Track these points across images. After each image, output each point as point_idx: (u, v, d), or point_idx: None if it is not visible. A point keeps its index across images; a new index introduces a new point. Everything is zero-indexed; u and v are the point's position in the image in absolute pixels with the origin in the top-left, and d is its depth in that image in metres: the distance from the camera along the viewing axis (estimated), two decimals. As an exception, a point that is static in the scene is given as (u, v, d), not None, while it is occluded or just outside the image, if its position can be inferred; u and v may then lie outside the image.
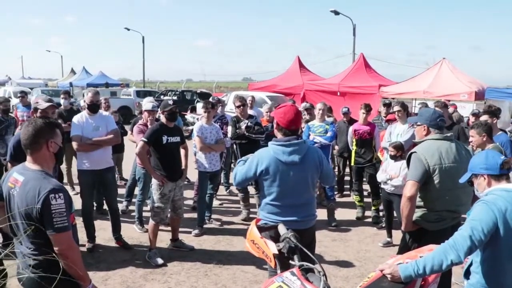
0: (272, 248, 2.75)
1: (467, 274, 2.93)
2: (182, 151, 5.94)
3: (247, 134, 6.93)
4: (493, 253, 2.71)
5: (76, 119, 5.83)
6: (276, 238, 2.89)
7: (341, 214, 7.81)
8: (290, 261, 2.58)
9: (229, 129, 7.15)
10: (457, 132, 7.08)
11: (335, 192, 8.31)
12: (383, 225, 6.89)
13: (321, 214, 7.51)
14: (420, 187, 3.76)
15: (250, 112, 8.02)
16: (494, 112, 6.02)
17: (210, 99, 8.90)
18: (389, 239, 6.54)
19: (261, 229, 3.05)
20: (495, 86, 14.65)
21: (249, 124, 6.96)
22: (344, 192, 9.26)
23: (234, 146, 7.16)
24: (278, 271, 2.69)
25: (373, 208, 7.54)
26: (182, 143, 5.88)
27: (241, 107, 7.25)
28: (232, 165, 8.13)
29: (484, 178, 2.83)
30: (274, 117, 3.82)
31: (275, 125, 3.74)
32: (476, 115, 8.68)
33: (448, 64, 15.59)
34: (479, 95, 13.77)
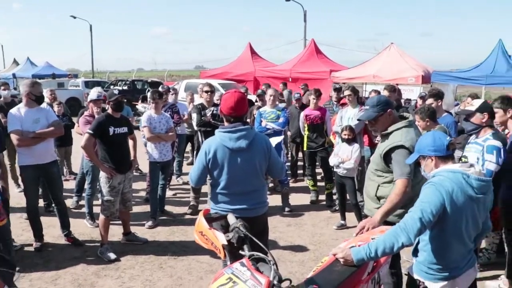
0: (221, 238, 2.69)
1: (415, 252, 2.99)
2: (130, 142, 5.79)
3: (212, 121, 6.79)
4: (440, 232, 2.76)
5: (12, 112, 5.45)
6: (227, 228, 2.83)
7: (295, 199, 7.86)
8: (240, 251, 2.53)
9: (194, 116, 6.99)
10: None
11: (289, 178, 8.34)
12: (337, 208, 6.98)
13: (276, 200, 7.58)
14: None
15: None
16: (438, 95, 6.16)
17: (160, 88, 8.73)
18: (342, 222, 6.63)
19: (210, 219, 2.99)
20: (440, 70, 15.11)
21: (214, 111, 6.81)
22: (298, 177, 9.34)
23: (199, 134, 6.98)
24: (228, 262, 2.64)
25: (326, 191, 7.63)
26: (130, 134, 5.72)
27: (209, 94, 7.09)
28: (195, 153, 7.94)
29: (432, 160, 2.86)
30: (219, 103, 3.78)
31: (220, 112, 3.71)
32: (423, 98, 8.89)
33: (396, 49, 15.96)
34: (426, 79, 14.20)
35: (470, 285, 3.20)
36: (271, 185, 8.45)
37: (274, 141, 6.64)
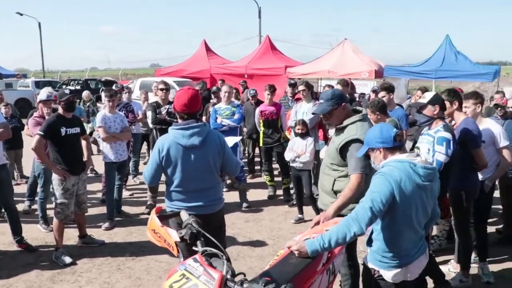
0: (173, 235, 2.69)
1: (369, 242, 3.06)
2: (83, 143, 5.68)
3: (168, 119, 6.72)
4: (391, 221, 2.84)
5: None
6: (181, 225, 2.83)
7: (253, 195, 7.91)
8: (193, 248, 2.54)
9: (149, 114, 6.89)
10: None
11: (246, 174, 8.38)
12: (294, 203, 7.05)
13: (234, 196, 7.60)
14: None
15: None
16: (390, 89, 6.33)
17: (113, 87, 8.59)
18: (300, 216, 6.71)
19: (162, 217, 2.99)
20: (392, 65, 15.53)
21: (169, 109, 6.73)
22: (255, 173, 9.40)
23: (154, 132, 6.89)
24: (181, 259, 2.64)
25: (283, 186, 7.71)
26: (82, 134, 5.61)
27: (164, 92, 6.97)
28: (151, 151, 7.84)
29: (380, 151, 2.94)
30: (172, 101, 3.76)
31: (173, 110, 3.70)
32: (375, 92, 9.07)
33: (349, 45, 16.25)
34: (379, 73, 14.56)
35: (423, 270, 3.33)
36: (228, 181, 8.47)
37: (232, 141, 6.66)
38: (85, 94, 11.83)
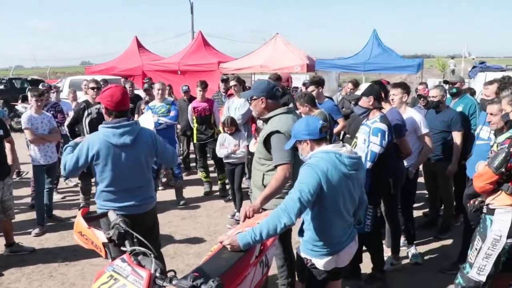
0: (100, 237, 2.65)
1: (301, 232, 3.13)
2: (7, 145, 5.42)
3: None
4: (320, 210, 2.91)
5: None
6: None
7: (189, 192, 7.89)
8: (122, 248, 2.51)
9: (71, 114, 6.67)
10: (287, 100, 7.45)
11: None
12: (230, 198, 7.08)
13: (170, 194, 7.55)
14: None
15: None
16: (319, 82, 6.48)
17: (40, 86, 8.25)
18: (236, 211, 6.74)
19: (90, 219, 2.93)
20: (324, 58, 15.94)
21: (101, 109, 6.50)
22: (191, 170, 9.35)
23: (85, 128, 6.59)
24: (110, 260, 2.60)
25: (219, 182, 7.74)
26: (5, 137, 5.35)
27: (95, 90, 6.69)
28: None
29: (307, 143, 3.02)
30: (100, 101, 3.67)
31: (103, 110, 3.61)
32: (305, 85, 9.20)
33: (281, 39, 16.47)
34: (310, 67, 14.86)
35: (356, 256, 3.44)
36: (164, 179, 8.39)
37: (147, 121, 6.47)
38: None
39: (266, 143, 3.71)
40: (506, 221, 3.37)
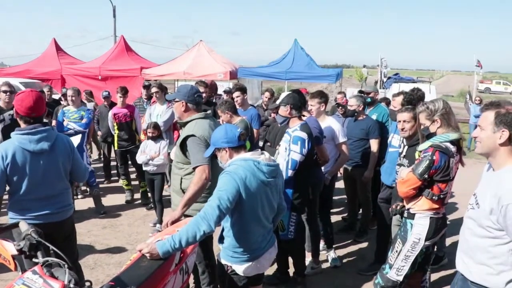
0: (10, 249, 2.54)
1: (221, 239, 3.16)
2: None
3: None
4: (239, 217, 2.96)
5: None
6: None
7: (110, 200, 7.70)
8: (34, 259, 2.42)
9: None
10: (213, 109, 7.50)
11: (102, 179, 8.11)
12: (152, 206, 6.98)
13: (90, 202, 7.32)
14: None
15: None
16: (244, 89, 6.58)
17: None
18: (162, 218, 6.66)
19: None
20: (247, 66, 16.12)
21: (15, 116, 6.13)
22: (112, 178, 9.11)
23: None
24: (19, 273, 2.50)
25: (141, 189, 7.60)
26: None
27: (8, 94, 6.29)
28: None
29: (226, 151, 3.06)
30: (13, 105, 3.53)
31: (15, 114, 3.48)
32: (227, 92, 9.25)
33: (205, 46, 16.48)
34: (233, 75, 14.97)
35: (283, 262, 3.52)
36: (83, 187, 8.12)
37: (74, 140, 6.34)
38: None
39: (183, 146, 3.80)
40: (424, 225, 3.57)
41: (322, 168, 5.11)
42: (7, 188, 3.49)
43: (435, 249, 5.10)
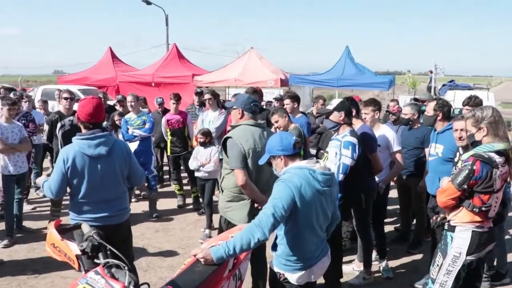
0: (73, 249, 2.64)
1: (274, 247, 3.15)
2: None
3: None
4: (293, 225, 2.94)
5: None
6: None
7: (162, 204, 7.84)
8: (96, 260, 2.50)
9: (46, 128, 6.59)
10: (265, 116, 7.50)
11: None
12: (203, 211, 7.06)
13: (143, 206, 7.50)
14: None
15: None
16: (296, 97, 6.57)
17: (11, 95, 8.14)
18: (211, 223, 6.72)
19: (63, 230, 2.91)
20: (297, 74, 16.11)
21: (74, 121, 6.41)
22: (164, 182, 9.30)
23: (59, 141, 6.46)
24: (83, 273, 2.59)
25: (192, 195, 7.71)
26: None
27: (68, 101, 6.60)
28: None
29: (281, 159, 3.06)
30: (75, 111, 3.70)
31: (76, 119, 3.65)
32: (278, 100, 9.25)
33: (256, 53, 16.60)
34: (284, 82, 14.99)
35: (332, 270, 3.50)
36: (137, 192, 8.33)
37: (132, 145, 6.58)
38: None
39: (224, 148, 3.99)
40: (465, 238, 3.43)
41: (376, 177, 5.03)
42: (68, 190, 3.64)
43: (496, 265, 4.94)
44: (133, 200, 7.97)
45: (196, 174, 6.62)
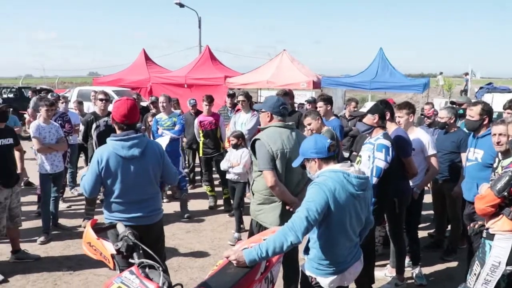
0: (109, 248, 2.68)
1: (306, 250, 3.13)
2: (16, 154, 5.48)
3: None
4: (326, 229, 2.92)
5: None
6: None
7: (194, 205, 7.89)
8: (130, 260, 2.53)
9: (82, 128, 6.73)
10: (297, 118, 7.48)
11: (187, 184, 8.35)
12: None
13: (174, 206, 7.56)
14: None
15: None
16: (329, 100, 6.52)
17: (49, 96, 8.35)
18: (241, 225, 6.74)
19: (98, 230, 2.95)
20: (329, 76, 16.01)
21: (109, 122, 6.54)
22: (196, 183, 9.37)
23: (94, 142, 6.60)
24: (118, 272, 2.62)
25: (224, 196, 7.74)
26: (15, 145, 5.42)
27: (104, 102, 6.76)
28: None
29: (315, 162, 3.03)
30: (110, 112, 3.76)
31: (111, 120, 3.70)
32: (310, 102, 9.20)
33: (288, 56, 16.56)
34: (316, 84, 14.90)
35: (364, 275, 3.45)
36: (169, 192, 8.41)
37: (163, 142, 6.61)
38: None
39: (253, 149, 3.99)
40: (505, 247, 3.33)
41: (410, 181, 4.94)
42: (102, 189, 3.71)
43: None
44: (164, 200, 8.05)
45: (227, 176, 6.64)
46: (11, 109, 11.68)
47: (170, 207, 7.76)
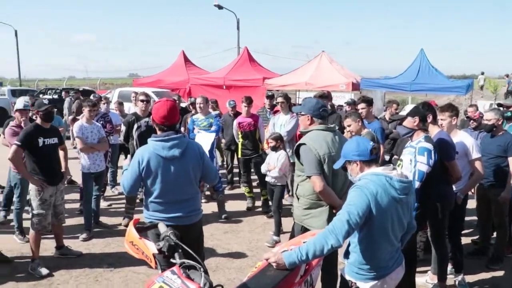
0: (151, 248, 2.71)
1: (346, 254, 3.09)
2: (61, 153, 5.63)
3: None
4: (368, 233, 2.87)
5: None
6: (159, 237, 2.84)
7: (232, 206, 7.91)
8: (171, 260, 2.55)
9: (123, 129, 6.87)
10: (338, 120, 7.40)
11: (225, 185, 8.39)
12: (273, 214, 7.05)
13: (212, 207, 7.60)
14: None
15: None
16: (370, 101, 6.44)
17: (91, 97, 8.55)
18: (280, 228, 6.71)
19: (140, 229, 2.99)
20: (368, 77, 15.76)
21: (150, 123, 6.64)
22: (234, 184, 9.38)
23: (135, 142, 6.70)
24: (159, 271, 2.65)
25: (262, 198, 7.71)
26: (60, 145, 5.57)
27: (145, 103, 6.85)
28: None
29: (357, 164, 2.99)
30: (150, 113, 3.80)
31: (151, 121, 3.75)
32: (350, 104, 9.10)
33: (326, 57, 16.42)
34: (355, 86, 14.72)
35: (405, 281, 3.37)
36: (207, 193, 8.46)
37: (207, 142, 6.66)
38: None
39: (297, 154, 3.95)
40: None
41: (454, 186, 4.81)
42: (142, 189, 3.76)
43: None
44: (203, 200, 8.10)
45: (266, 178, 6.63)
46: (56, 109, 12.05)
47: (208, 207, 7.80)
